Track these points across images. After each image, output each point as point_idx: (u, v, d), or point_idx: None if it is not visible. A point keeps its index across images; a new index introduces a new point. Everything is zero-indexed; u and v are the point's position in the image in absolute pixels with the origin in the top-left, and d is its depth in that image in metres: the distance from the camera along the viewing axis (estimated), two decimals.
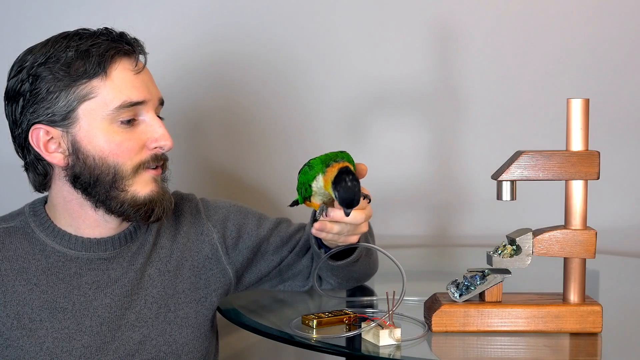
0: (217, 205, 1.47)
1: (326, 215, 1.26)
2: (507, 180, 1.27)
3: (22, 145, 1.30)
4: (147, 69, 1.31)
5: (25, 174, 1.34)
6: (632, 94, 2.12)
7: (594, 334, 1.28)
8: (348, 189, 1.20)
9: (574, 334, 1.28)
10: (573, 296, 1.29)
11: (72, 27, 1.32)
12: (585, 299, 1.30)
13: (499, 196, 1.28)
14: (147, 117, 1.29)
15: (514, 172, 1.27)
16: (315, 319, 1.30)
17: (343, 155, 1.27)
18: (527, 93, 2.11)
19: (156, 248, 1.38)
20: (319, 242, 1.39)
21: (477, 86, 2.09)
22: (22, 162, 1.33)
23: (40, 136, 1.26)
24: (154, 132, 1.28)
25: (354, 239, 1.31)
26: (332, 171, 1.23)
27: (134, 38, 1.31)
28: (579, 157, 1.27)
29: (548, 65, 2.10)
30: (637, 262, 1.99)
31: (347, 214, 1.23)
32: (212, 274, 1.41)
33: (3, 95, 1.31)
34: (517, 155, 1.28)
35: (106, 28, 1.29)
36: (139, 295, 1.34)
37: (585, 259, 1.29)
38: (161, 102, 1.33)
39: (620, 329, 1.37)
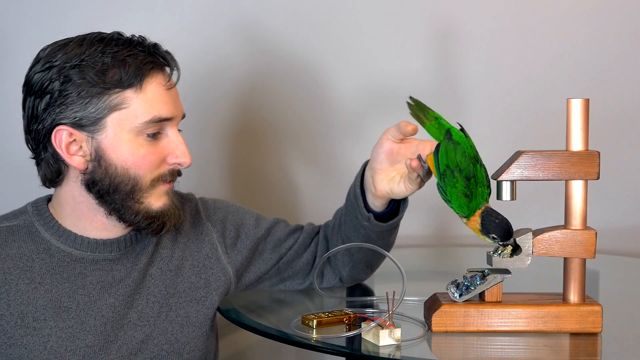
0: (215, 205, 1.48)
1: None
2: (507, 180, 1.27)
3: (39, 140, 1.28)
4: (175, 86, 1.31)
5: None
6: (632, 94, 2.12)
7: (594, 334, 1.28)
8: (501, 227, 1.23)
9: (574, 334, 1.28)
10: (573, 296, 1.29)
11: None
12: (585, 299, 1.30)
13: (499, 196, 1.28)
14: (171, 133, 1.30)
15: (514, 172, 1.27)
16: (315, 319, 1.30)
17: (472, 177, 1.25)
18: (527, 93, 2.11)
19: (158, 248, 1.38)
20: (367, 206, 1.41)
21: (477, 86, 2.09)
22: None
23: (64, 138, 1.26)
24: (175, 149, 1.30)
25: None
26: (476, 220, 1.24)
27: (167, 51, 1.31)
28: (579, 157, 1.27)
29: (548, 65, 2.10)
30: (637, 262, 1.99)
31: (514, 246, 1.26)
32: (213, 273, 1.41)
33: (22, 85, 1.30)
34: (517, 155, 1.28)
35: (141, 36, 1.29)
36: (140, 294, 1.34)
37: (585, 259, 1.29)
38: (183, 117, 1.34)
39: (620, 329, 1.37)
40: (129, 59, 1.25)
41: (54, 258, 1.31)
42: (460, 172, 1.24)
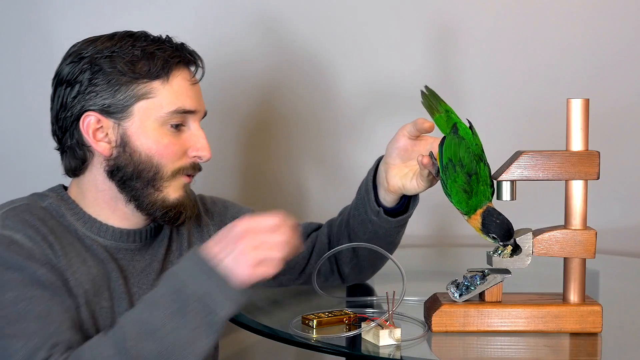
0: (213, 201, 1.52)
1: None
2: (507, 180, 1.27)
3: (66, 128, 1.31)
4: (199, 84, 1.36)
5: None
6: (632, 94, 2.12)
7: (594, 334, 1.28)
8: (502, 228, 1.23)
9: (574, 334, 1.28)
10: (573, 296, 1.29)
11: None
12: (585, 299, 1.30)
13: (499, 196, 1.28)
14: (193, 127, 1.34)
15: (514, 172, 1.27)
16: (315, 319, 1.30)
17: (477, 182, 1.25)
18: (527, 93, 2.11)
19: (171, 241, 1.41)
20: (377, 201, 1.42)
21: (477, 86, 2.09)
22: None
23: (91, 123, 1.29)
24: (196, 142, 1.33)
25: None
26: (477, 218, 1.24)
27: (194, 50, 1.36)
28: (579, 157, 1.27)
29: (548, 65, 2.10)
30: (637, 262, 1.99)
31: (514, 246, 1.27)
32: None
33: (53, 80, 1.34)
34: (517, 155, 1.28)
35: (167, 36, 1.34)
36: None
37: (585, 259, 1.29)
38: (204, 115, 1.38)
39: (620, 329, 1.37)
40: (157, 52, 1.30)
41: (83, 243, 1.31)
42: (462, 167, 1.25)
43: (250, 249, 1.13)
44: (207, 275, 1.12)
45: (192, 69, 1.35)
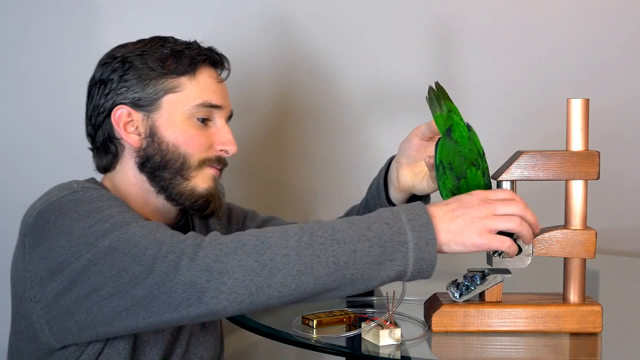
0: None
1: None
2: (507, 180, 1.27)
3: (98, 125, 1.37)
4: (225, 83, 1.42)
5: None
6: (632, 94, 2.12)
7: (594, 334, 1.28)
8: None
9: (574, 334, 1.28)
10: (573, 296, 1.29)
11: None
12: (585, 299, 1.30)
13: None
14: (219, 122, 1.40)
15: (514, 172, 1.27)
16: (315, 319, 1.30)
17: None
18: (527, 93, 2.11)
19: None
20: (388, 199, 1.44)
21: (477, 86, 2.09)
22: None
23: (122, 115, 1.35)
24: (222, 137, 1.39)
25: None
26: None
27: (222, 53, 1.43)
28: (579, 157, 1.27)
29: (548, 65, 2.10)
30: (637, 262, 1.99)
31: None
32: None
33: (88, 83, 1.40)
34: (517, 155, 1.28)
35: (195, 40, 1.41)
36: None
37: (585, 259, 1.29)
38: (230, 115, 1.43)
39: (620, 329, 1.37)
40: (186, 51, 1.37)
41: None
42: (451, 170, 1.24)
43: (482, 217, 1.11)
44: (420, 230, 1.11)
45: (219, 70, 1.41)
